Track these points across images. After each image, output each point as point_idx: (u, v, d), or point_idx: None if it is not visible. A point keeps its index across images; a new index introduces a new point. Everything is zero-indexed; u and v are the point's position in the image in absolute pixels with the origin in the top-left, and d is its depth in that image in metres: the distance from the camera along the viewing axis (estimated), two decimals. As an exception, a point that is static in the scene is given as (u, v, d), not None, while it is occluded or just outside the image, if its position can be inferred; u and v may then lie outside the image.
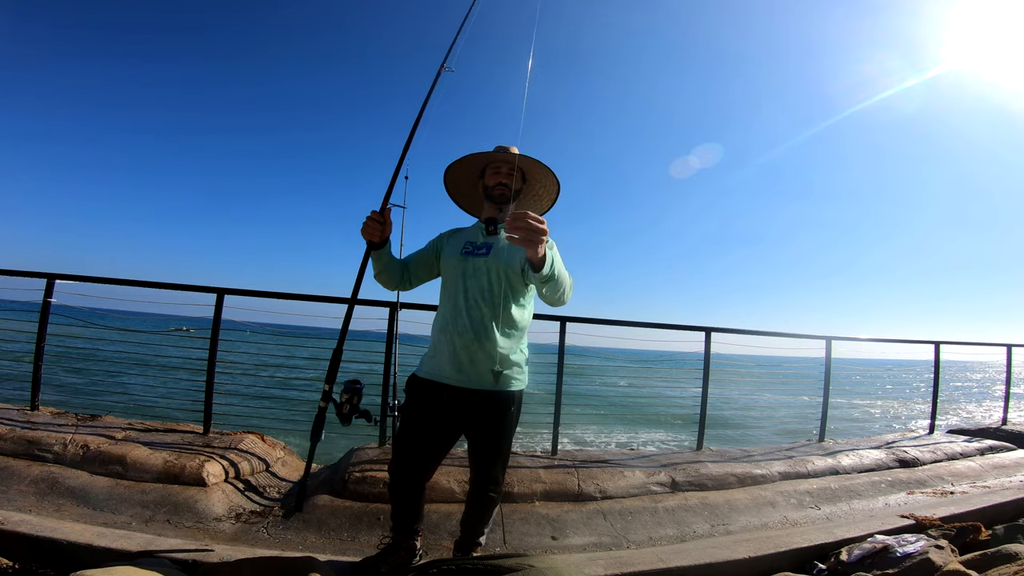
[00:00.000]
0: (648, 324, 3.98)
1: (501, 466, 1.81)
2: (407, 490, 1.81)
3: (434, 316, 1.85)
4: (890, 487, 3.32)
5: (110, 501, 2.34)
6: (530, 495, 2.72)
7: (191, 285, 3.35)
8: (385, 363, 3.09)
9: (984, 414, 12.26)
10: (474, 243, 1.80)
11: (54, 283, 3.24)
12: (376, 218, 1.71)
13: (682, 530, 2.60)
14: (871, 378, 7.20)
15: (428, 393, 1.73)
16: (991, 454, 4.19)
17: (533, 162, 1.81)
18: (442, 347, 1.72)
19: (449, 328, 1.71)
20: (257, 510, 2.46)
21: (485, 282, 1.72)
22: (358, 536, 2.30)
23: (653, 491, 2.93)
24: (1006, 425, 5.23)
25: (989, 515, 2.68)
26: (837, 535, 2.29)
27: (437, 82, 1.87)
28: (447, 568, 1.56)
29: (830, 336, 4.30)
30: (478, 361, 1.67)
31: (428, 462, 1.80)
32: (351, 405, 1.76)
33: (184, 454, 2.70)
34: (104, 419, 3.25)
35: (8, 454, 2.61)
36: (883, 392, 10.12)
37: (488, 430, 1.73)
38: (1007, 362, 5.28)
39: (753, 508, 2.86)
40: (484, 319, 1.68)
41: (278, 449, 3.22)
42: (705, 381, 3.82)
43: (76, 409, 3.45)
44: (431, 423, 1.73)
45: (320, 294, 3.25)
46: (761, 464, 3.36)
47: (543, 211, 2.02)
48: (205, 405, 3.19)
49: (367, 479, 2.60)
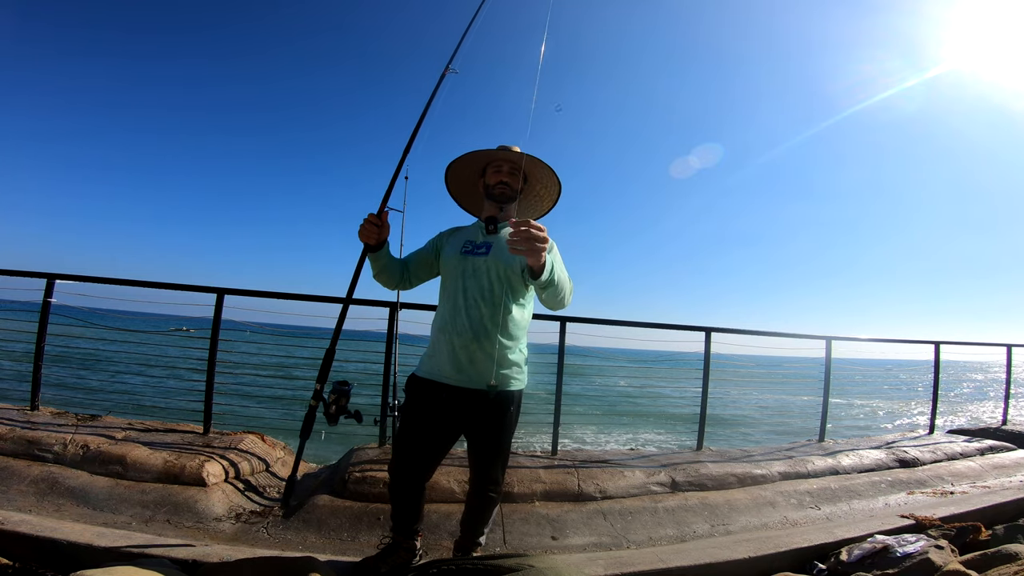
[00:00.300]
0: (648, 324, 3.98)
1: (501, 466, 1.81)
2: (407, 490, 1.80)
3: (433, 315, 1.85)
4: (890, 487, 3.32)
5: (110, 501, 2.34)
6: (530, 495, 2.72)
7: (191, 285, 3.35)
8: (385, 363, 3.09)
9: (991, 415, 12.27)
10: (474, 242, 1.79)
11: (54, 283, 3.24)
12: (373, 221, 1.71)
13: (682, 530, 2.60)
14: (871, 378, 7.20)
15: (427, 393, 1.73)
16: (991, 454, 4.19)
17: (536, 163, 1.80)
18: (441, 347, 1.72)
19: (448, 328, 1.70)
20: (257, 510, 2.46)
21: (485, 282, 1.71)
22: (358, 536, 2.30)
23: (653, 491, 2.93)
24: (1006, 425, 5.23)
25: (989, 515, 2.68)
26: (837, 535, 2.29)
27: (441, 83, 1.87)
28: (447, 568, 1.56)
29: (830, 336, 4.30)
30: (477, 361, 1.66)
31: (428, 462, 1.80)
32: (338, 406, 1.77)
33: (184, 454, 2.70)
34: (104, 419, 3.25)
35: (8, 454, 2.61)
36: (883, 392, 10.12)
37: (488, 430, 1.73)
38: (1007, 362, 5.29)
39: (753, 508, 2.86)
40: (483, 319, 1.68)
41: (278, 449, 3.22)
42: (705, 381, 3.82)
43: (76, 409, 3.45)
44: (431, 423, 1.73)
45: (320, 294, 3.25)
46: (761, 464, 3.36)
47: (543, 213, 2.03)
48: (205, 405, 3.19)
49: (367, 479, 2.60)
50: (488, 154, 1.83)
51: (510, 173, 1.80)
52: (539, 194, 1.95)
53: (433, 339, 1.79)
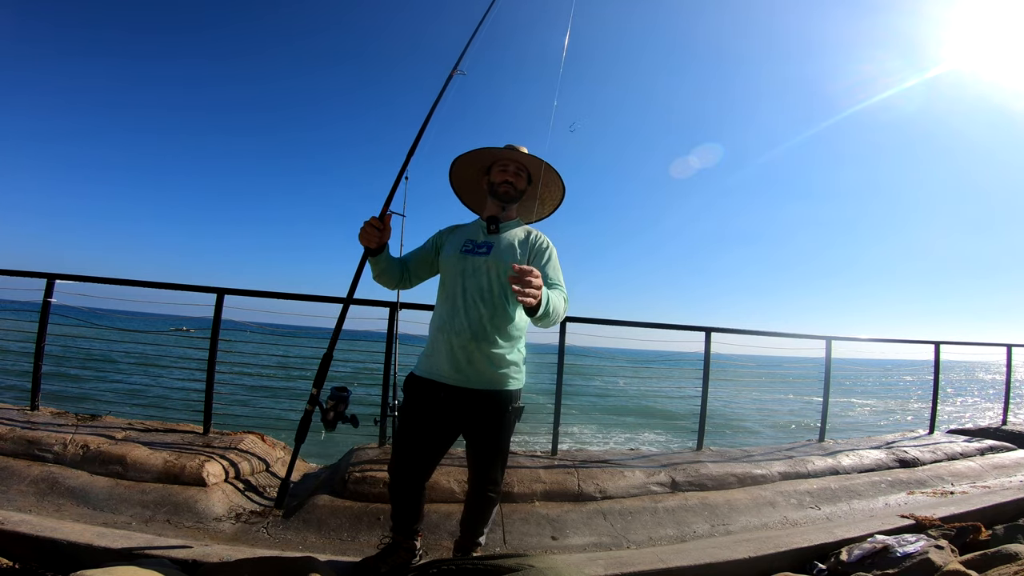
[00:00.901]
0: (648, 324, 3.98)
1: (500, 466, 1.81)
2: (407, 490, 1.80)
3: (432, 313, 1.84)
4: (890, 487, 3.32)
5: (110, 501, 2.34)
6: (530, 495, 2.72)
7: (191, 285, 3.35)
8: (385, 363, 3.09)
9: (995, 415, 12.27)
10: (474, 241, 1.79)
11: (54, 283, 3.24)
12: (375, 224, 1.69)
13: (682, 530, 2.60)
14: (871, 378, 7.20)
15: (426, 392, 1.72)
16: (991, 454, 4.19)
17: (545, 167, 1.80)
18: (439, 346, 1.72)
19: (447, 327, 1.70)
20: (257, 510, 2.46)
21: (484, 282, 1.71)
22: (358, 536, 2.30)
23: (653, 491, 2.93)
24: (1006, 425, 5.23)
25: (989, 515, 2.68)
26: (837, 535, 2.29)
27: (448, 85, 1.85)
28: (447, 568, 1.56)
29: (830, 336, 4.30)
30: (476, 361, 1.67)
31: (428, 462, 1.80)
32: (336, 412, 1.76)
33: (184, 454, 2.70)
34: (104, 419, 3.25)
35: (8, 454, 2.61)
36: (883, 392, 10.13)
37: (487, 430, 1.73)
38: (1007, 362, 5.29)
39: (753, 508, 2.86)
40: (482, 319, 1.68)
41: (278, 449, 3.22)
42: (705, 381, 3.82)
43: (76, 409, 3.45)
44: (430, 423, 1.72)
45: (320, 294, 3.25)
46: (761, 464, 3.36)
47: (543, 216, 2.05)
48: (205, 405, 3.18)
49: (367, 479, 2.60)
50: (495, 152, 1.83)
51: (515, 173, 1.82)
52: (541, 197, 1.95)
53: (432, 338, 1.79)
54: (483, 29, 1.92)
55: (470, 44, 1.90)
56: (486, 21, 1.92)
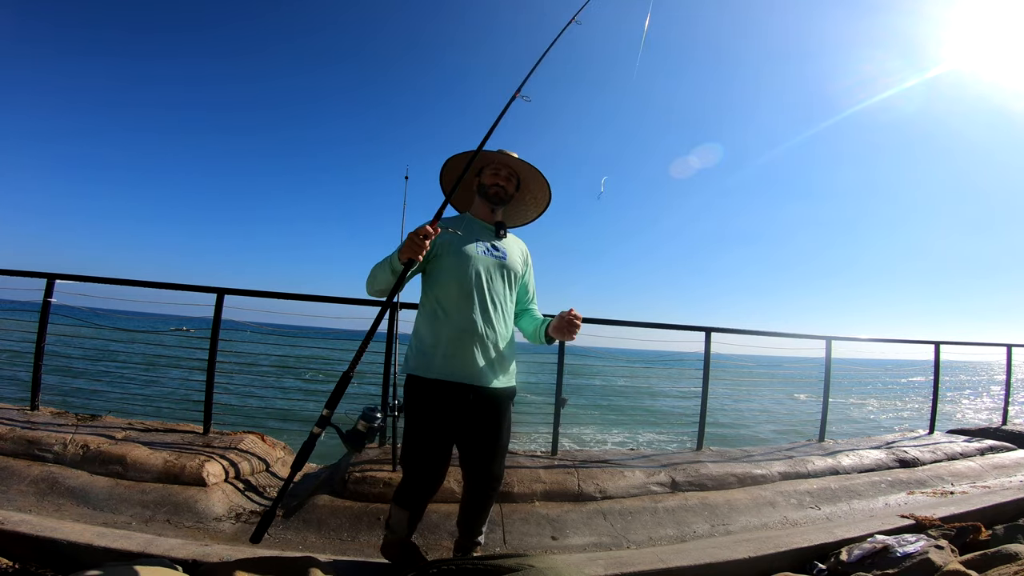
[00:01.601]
0: (648, 324, 3.98)
1: (503, 460, 1.84)
2: (429, 497, 1.80)
3: (432, 312, 1.76)
4: (890, 487, 3.32)
5: (110, 501, 2.34)
6: (530, 495, 2.72)
7: (191, 285, 3.35)
8: (385, 363, 3.09)
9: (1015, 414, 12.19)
10: (491, 244, 1.82)
11: (54, 283, 3.24)
12: (428, 235, 1.57)
13: (682, 530, 2.60)
14: (871, 378, 7.20)
15: (452, 396, 1.67)
16: (991, 454, 4.19)
17: (535, 174, 1.88)
18: (464, 346, 1.69)
19: (472, 327, 1.69)
20: (257, 510, 2.46)
21: (501, 286, 1.79)
22: (358, 536, 2.30)
23: (653, 491, 2.93)
24: (1006, 425, 5.23)
25: (989, 515, 2.68)
26: (837, 535, 2.29)
27: (508, 108, 1.80)
28: (447, 568, 1.56)
29: (830, 336, 4.30)
30: (505, 359, 1.77)
31: (446, 467, 1.79)
32: (369, 429, 1.71)
33: (184, 454, 2.70)
34: (104, 419, 3.25)
35: (8, 454, 2.61)
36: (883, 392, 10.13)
37: (490, 426, 1.75)
38: (1007, 362, 5.28)
39: (753, 508, 2.86)
40: (506, 320, 1.79)
41: (278, 449, 3.22)
42: (705, 381, 3.82)
43: (76, 409, 3.45)
44: (456, 427, 1.70)
45: (320, 294, 3.25)
46: (761, 464, 3.36)
47: (528, 221, 2.08)
48: (205, 405, 3.19)
49: (367, 479, 2.60)
50: (488, 155, 1.85)
51: (507, 178, 1.87)
52: (527, 202, 2.01)
53: (447, 338, 1.70)
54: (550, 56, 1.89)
55: (534, 70, 1.85)
56: (553, 48, 1.90)
